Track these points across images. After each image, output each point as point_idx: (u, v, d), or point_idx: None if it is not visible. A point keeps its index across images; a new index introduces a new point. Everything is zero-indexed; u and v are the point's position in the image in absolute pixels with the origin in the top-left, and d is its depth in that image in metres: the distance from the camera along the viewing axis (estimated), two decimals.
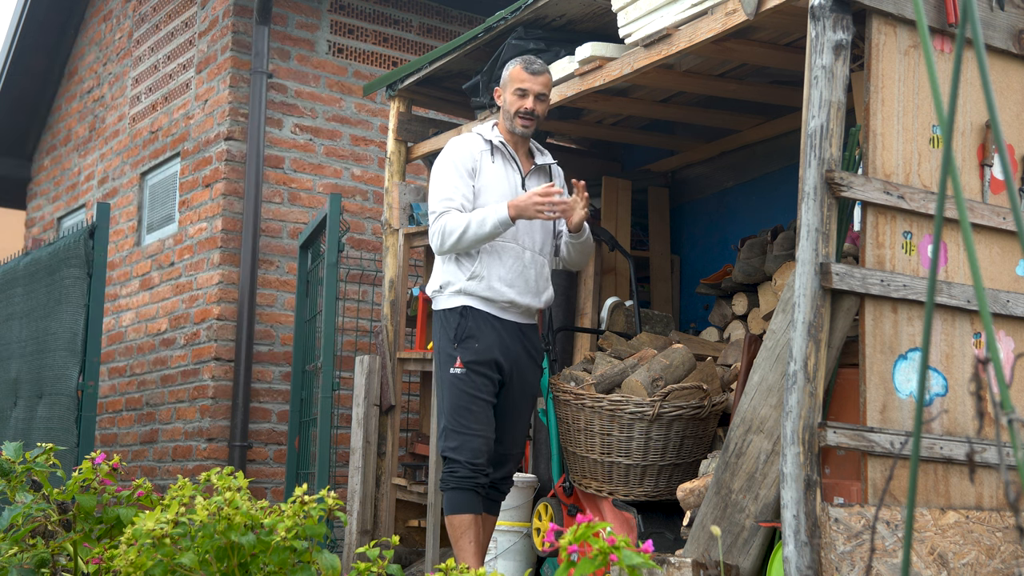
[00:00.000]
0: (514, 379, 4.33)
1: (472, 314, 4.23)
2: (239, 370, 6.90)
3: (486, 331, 4.23)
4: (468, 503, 4.09)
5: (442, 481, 4.18)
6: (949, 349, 3.79)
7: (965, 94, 3.95)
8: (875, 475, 3.56)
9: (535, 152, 4.48)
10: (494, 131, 4.36)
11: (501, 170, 4.31)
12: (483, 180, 4.28)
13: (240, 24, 7.20)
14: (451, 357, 4.22)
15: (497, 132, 4.36)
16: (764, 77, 5.34)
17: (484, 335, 4.22)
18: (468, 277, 4.23)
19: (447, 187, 4.25)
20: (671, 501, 4.43)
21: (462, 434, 4.14)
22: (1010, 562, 3.64)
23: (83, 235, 6.01)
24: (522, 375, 4.35)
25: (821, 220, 3.55)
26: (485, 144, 4.33)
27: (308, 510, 2.69)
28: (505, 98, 4.31)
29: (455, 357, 4.20)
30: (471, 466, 4.11)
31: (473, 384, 4.17)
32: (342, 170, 7.46)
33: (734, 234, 6.06)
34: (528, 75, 4.26)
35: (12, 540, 3.00)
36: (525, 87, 4.26)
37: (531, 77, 4.26)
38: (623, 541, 2.19)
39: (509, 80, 4.30)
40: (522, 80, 4.26)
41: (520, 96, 4.26)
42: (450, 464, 4.15)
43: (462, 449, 4.12)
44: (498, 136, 4.34)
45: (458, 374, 4.18)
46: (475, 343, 4.21)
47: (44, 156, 10.11)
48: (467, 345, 4.21)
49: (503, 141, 4.33)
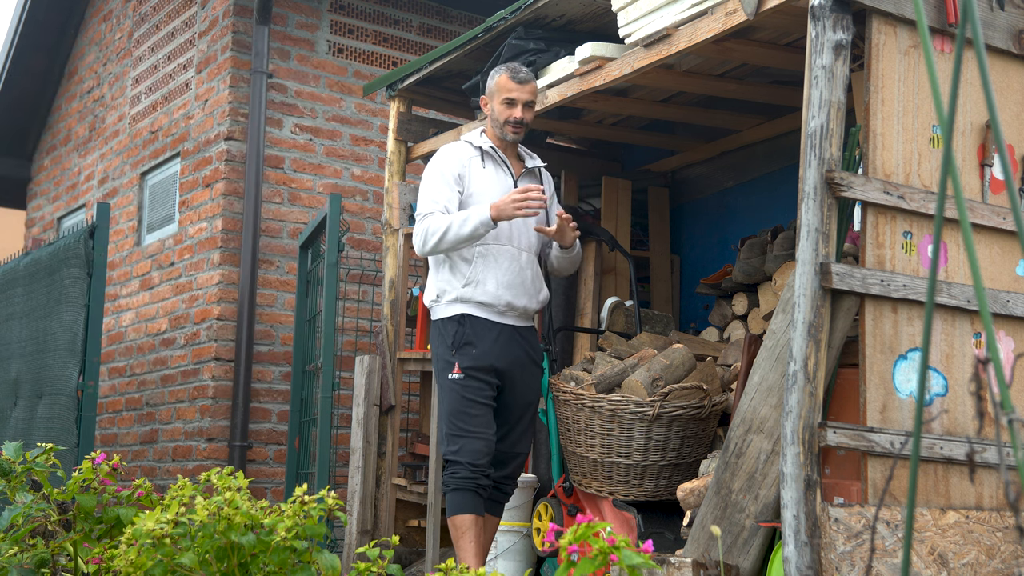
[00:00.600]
0: (515, 382, 4.36)
1: (470, 321, 4.28)
2: (239, 370, 6.90)
3: (484, 337, 4.26)
4: (469, 504, 4.11)
5: (444, 483, 4.21)
6: (949, 349, 3.79)
7: (965, 94, 3.94)
8: (875, 475, 3.56)
9: (524, 156, 4.56)
10: (483, 137, 4.44)
11: (493, 175, 4.38)
12: (475, 186, 4.35)
13: (240, 24, 7.20)
14: (449, 363, 4.26)
15: (486, 138, 4.44)
16: (764, 77, 5.34)
17: (482, 341, 4.25)
18: (464, 284, 4.26)
19: (433, 192, 4.33)
20: (671, 501, 4.43)
21: (462, 437, 4.17)
22: (1010, 562, 3.64)
23: (83, 235, 6.01)
24: (522, 378, 4.38)
25: (821, 220, 3.55)
26: (475, 151, 4.41)
27: (308, 510, 2.69)
28: (493, 107, 4.40)
29: (453, 363, 4.25)
30: (471, 467, 4.13)
31: (471, 388, 4.21)
32: (342, 170, 7.46)
33: (734, 234, 6.06)
34: (516, 84, 4.34)
35: (12, 540, 3.00)
36: (513, 96, 4.35)
37: (518, 87, 4.35)
38: (623, 541, 2.19)
39: (496, 90, 4.38)
40: (510, 90, 4.35)
41: (508, 105, 4.35)
42: (451, 466, 4.18)
43: (462, 451, 4.15)
44: (487, 142, 4.42)
45: (457, 379, 4.23)
46: (472, 349, 4.25)
47: (44, 156, 10.11)
48: (465, 351, 4.26)
49: (493, 147, 4.42)
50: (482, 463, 4.16)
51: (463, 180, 4.34)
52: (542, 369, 4.60)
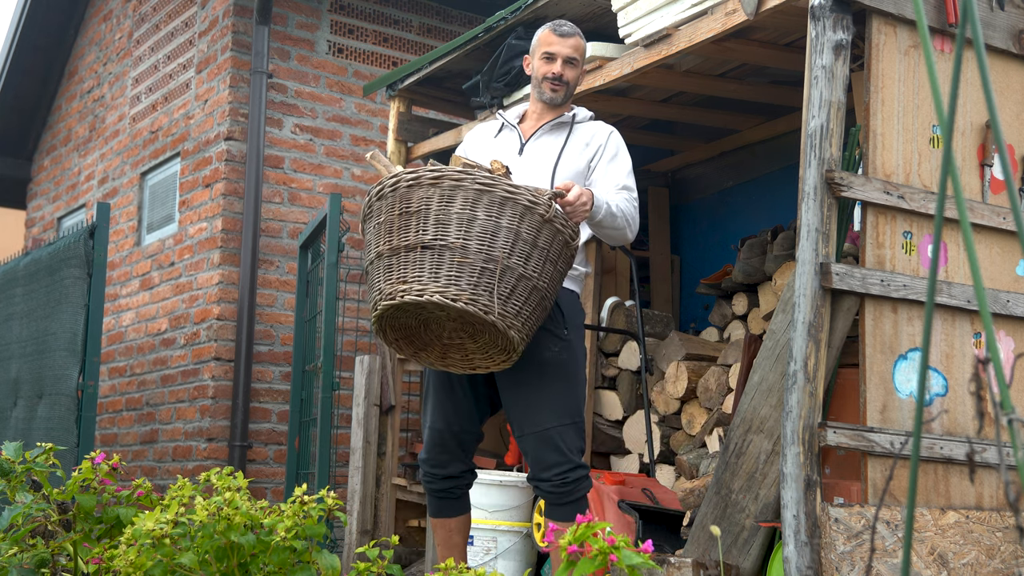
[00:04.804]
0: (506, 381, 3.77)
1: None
2: (239, 370, 6.90)
3: None
4: (431, 506, 3.85)
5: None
6: (949, 349, 3.79)
7: (965, 94, 3.94)
8: (875, 475, 3.56)
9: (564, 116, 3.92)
10: (514, 110, 4.00)
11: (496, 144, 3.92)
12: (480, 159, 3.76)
13: (240, 24, 7.20)
14: None
15: (518, 109, 4.00)
16: (764, 77, 5.34)
17: None
18: None
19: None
20: (675, 515, 4.42)
21: (424, 430, 3.82)
22: (1010, 562, 3.64)
23: (83, 235, 6.01)
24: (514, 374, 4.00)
25: (821, 220, 3.55)
26: (496, 126, 3.98)
27: (308, 510, 2.69)
28: (533, 65, 3.91)
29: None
30: (425, 465, 3.79)
31: (432, 374, 3.78)
32: (342, 170, 7.46)
33: (734, 234, 6.06)
34: (557, 37, 3.84)
35: (12, 540, 3.00)
36: (553, 51, 3.83)
37: (559, 40, 3.84)
38: (623, 541, 2.19)
39: (537, 45, 3.90)
40: (550, 43, 3.84)
41: (547, 60, 3.84)
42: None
43: (424, 449, 3.81)
44: (516, 113, 3.97)
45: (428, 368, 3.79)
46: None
47: (44, 156, 10.11)
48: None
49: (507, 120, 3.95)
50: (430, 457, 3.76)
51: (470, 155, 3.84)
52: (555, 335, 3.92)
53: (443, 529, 3.80)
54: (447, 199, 3.22)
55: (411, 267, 3.22)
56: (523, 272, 3.22)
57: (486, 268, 3.17)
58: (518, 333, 3.23)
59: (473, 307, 3.15)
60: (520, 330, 3.23)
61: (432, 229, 3.22)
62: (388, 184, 3.29)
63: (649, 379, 5.35)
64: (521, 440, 3.62)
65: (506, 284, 3.20)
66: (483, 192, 3.21)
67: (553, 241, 3.28)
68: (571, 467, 3.52)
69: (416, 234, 3.23)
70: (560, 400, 3.57)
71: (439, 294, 3.16)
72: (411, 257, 3.23)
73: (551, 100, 3.84)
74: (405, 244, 3.24)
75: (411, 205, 3.25)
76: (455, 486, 3.77)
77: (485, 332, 3.28)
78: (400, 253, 3.25)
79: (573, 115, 3.88)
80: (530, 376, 3.56)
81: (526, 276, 3.23)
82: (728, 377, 4.97)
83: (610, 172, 3.74)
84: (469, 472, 3.80)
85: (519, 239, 3.21)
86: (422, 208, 3.23)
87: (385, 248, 3.27)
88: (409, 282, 3.20)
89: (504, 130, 3.93)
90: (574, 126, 3.86)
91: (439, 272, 3.19)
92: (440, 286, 3.17)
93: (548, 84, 3.82)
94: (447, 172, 3.24)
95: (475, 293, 3.16)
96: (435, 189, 3.23)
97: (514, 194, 3.21)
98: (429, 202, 3.23)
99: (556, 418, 3.55)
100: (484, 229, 3.20)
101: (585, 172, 3.75)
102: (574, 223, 3.41)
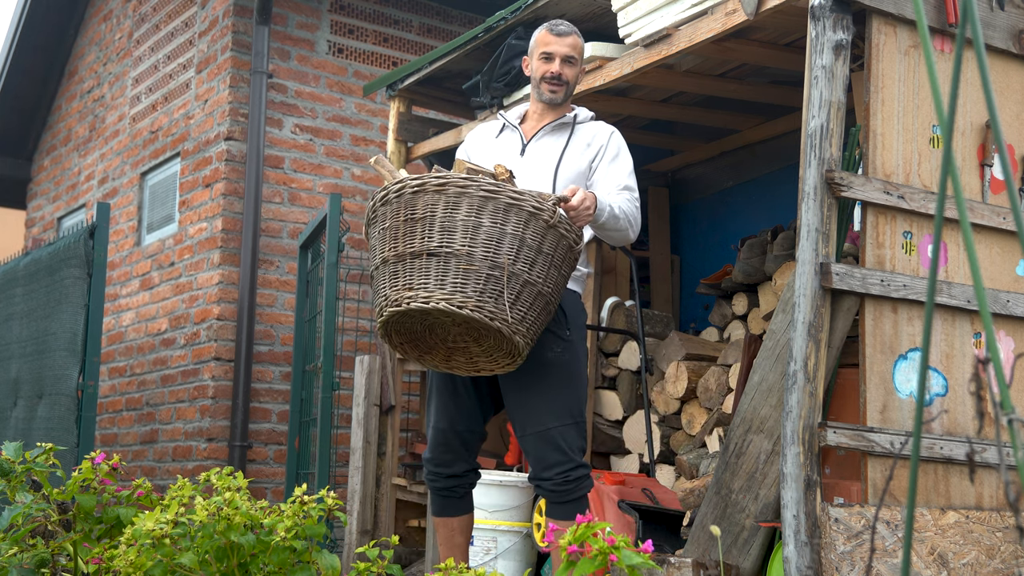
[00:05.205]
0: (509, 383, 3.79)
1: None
2: (239, 370, 6.90)
3: None
4: (434, 505, 3.86)
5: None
6: (949, 349, 3.79)
7: (965, 94, 3.94)
8: (875, 475, 3.56)
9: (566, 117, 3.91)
10: (515, 111, 3.99)
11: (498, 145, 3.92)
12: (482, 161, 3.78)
13: (240, 24, 7.20)
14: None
15: (519, 110, 3.99)
16: (764, 77, 5.34)
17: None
18: None
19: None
20: (675, 515, 4.41)
21: (428, 430, 3.84)
22: (1010, 562, 3.64)
23: (83, 235, 6.01)
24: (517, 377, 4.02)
25: (821, 220, 3.55)
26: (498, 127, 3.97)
27: (308, 510, 2.69)
28: (532, 65, 3.90)
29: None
30: (429, 464, 3.80)
31: (435, 375, 3.78)
32: (342, 170, 7.46)
33: (734, 234, 6.06)
34: (554, 37, 3.83)
35: (12, 540, 3.00)
36: (551, 50, 3.82)
37: (557, 39, 3.82)
38: (623, 541, 2.19)
39: (535, 45, 3.89)
40: (547, 43, 3.83)
41: (546, 60, 3.83)
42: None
43: (428, 448, 3.82)
44: (516, 114, 3.97)
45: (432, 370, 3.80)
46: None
47: (44, 156, 10.11)
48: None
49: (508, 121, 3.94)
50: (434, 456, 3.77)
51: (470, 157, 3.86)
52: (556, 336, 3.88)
53: (445, 528, 3.81)
54: (452, 205, 3.22)
55: (417, 274, 3.22)
56: (528, 278, 3.22)
57: (491, 275, 3.18)
58: (523, 338, 3.24)
59: (479, 314, 3.15)
60: (525, 335, 3.24)
61: (438, 236, 3.21)
62: (393, 189, 3.29)
63: (649, 379, 5.36)
64: (523, 439, 3.63)
65: (511, 290, 3.20)
66: (488, 199, 3.20)
67: (557, 246, 3.29)
68: (572, 466, 3.53)
69: (422, 241, 3.23)
70: (562, 400, 3.57)
71: (445, 301, 3.16)
72: (417, 264, 3.23)
73: (551, 100, 3.84)
74: (411, 251, 3.24)
75: (416, 211, 3.25)
76: (458, 485, 3.78)
77: (490, 336, 3.29)
78: (406, 260, 3.25)
79: (574, 116, 3.87)
80: (532, 376, 3.56)
81: (531, 282, 3.23)
82: (728, 377, 4.97)
83: (611, 173, 3.74)
84: (472, 471, 3.81)
85: (524, 245, 3.22)
86: (427, 214, 3.23)
87: (391, 254, 3.27)
88: (415, 289, 3.20)
89: (505, 131, 3.93)
90: (575, 127, 3.85)
91: (445, 279, 3.19)
92: (446, 293, 3.17)
93: (547, 84, 3.82)
94: (452, 178, 3.24)
95: (481, 300, 3.17)
96: (440, 195, 3.22)
97: (519, 200, 3.21)
98: (434, 208, 3.23)
99: (558, 418, 3.55)
100: (489, 236, 3.20)
101: (586, 173, 3.75)
102: (578, 228, 3.40)
